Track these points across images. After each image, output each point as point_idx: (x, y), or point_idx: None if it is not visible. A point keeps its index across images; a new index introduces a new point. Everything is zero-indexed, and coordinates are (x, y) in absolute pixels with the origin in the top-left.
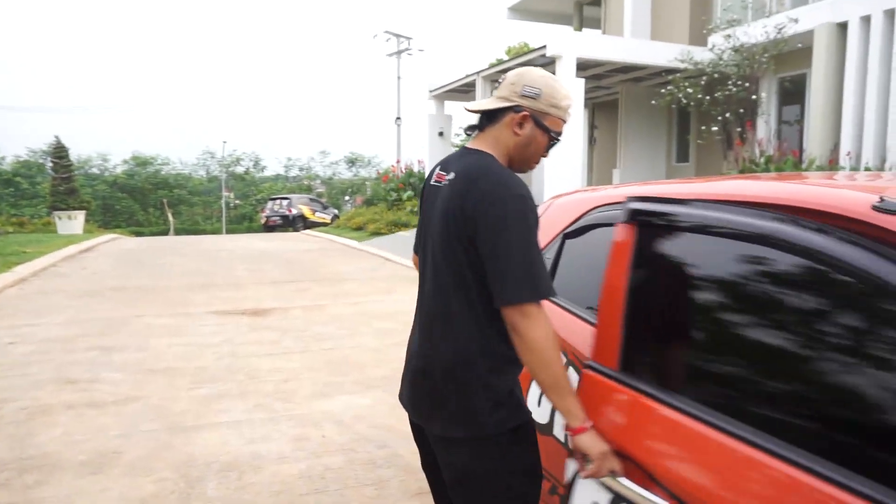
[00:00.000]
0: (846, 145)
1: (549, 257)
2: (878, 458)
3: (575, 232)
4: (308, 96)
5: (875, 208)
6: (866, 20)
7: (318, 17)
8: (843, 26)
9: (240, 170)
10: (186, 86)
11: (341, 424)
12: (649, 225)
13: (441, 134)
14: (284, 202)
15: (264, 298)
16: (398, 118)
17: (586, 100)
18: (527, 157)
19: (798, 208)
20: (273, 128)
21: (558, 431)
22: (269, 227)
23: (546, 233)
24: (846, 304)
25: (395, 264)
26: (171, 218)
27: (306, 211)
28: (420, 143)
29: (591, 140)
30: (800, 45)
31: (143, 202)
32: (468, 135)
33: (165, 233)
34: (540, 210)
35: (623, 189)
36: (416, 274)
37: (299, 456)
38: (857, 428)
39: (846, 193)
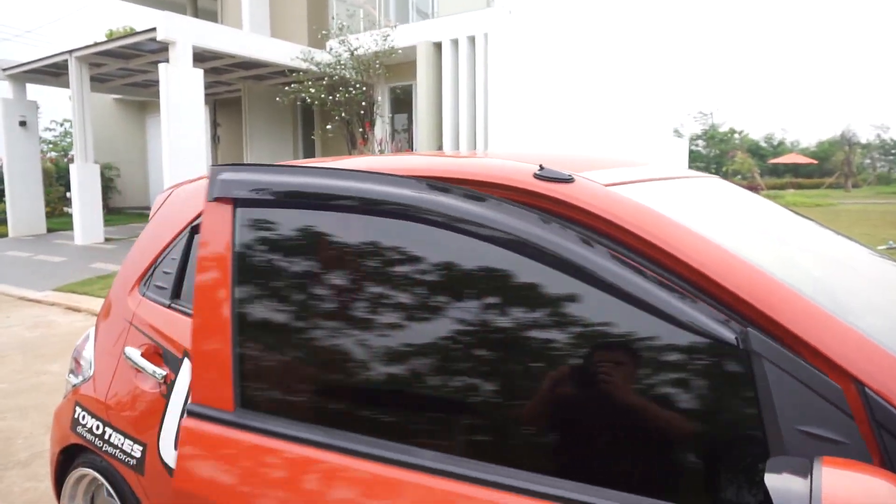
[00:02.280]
0: (447, 147)
1: (174, 257)
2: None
3: None
4: None
5: (536, 176)
6: (455, 42)
7: None
8: (438, 46)
9: None
10: None
11: None
12: (256, 203)
13: (24, 123)
14: None
15: None
16: None
17: (206, 95)
18: None
19: (465, 180)
20: None
21: None
22: None
23: (168, 227)
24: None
25: None
26: None
27: None
28: None
29: (216, 138)
30: (403, 57)
31: None
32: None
33: None
34: (157, 202)
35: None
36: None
37: None
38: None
39: (510, 164)
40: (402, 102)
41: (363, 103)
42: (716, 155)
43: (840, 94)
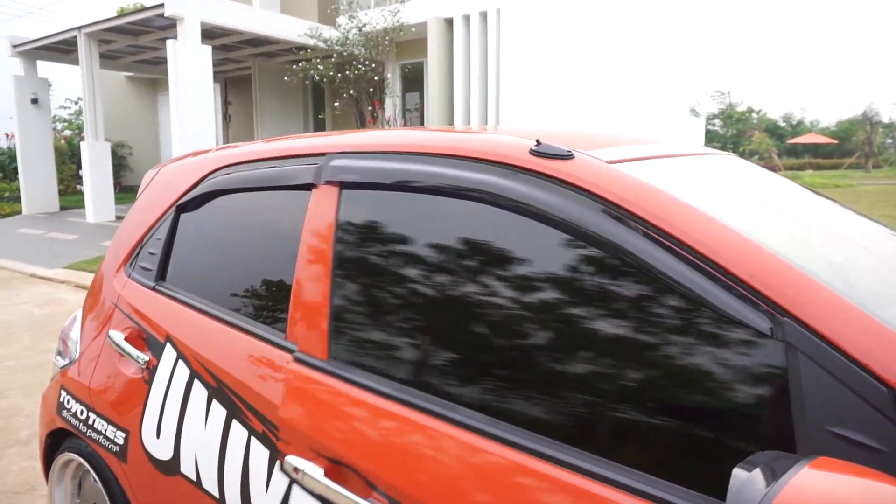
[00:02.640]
0: (458, 124)
1: (159, 238)
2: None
3: (192, 202)
4: None
5: (532, 152)
6: (467, 18)
7: None
8: (449, 22)
9: None
10: None
11: None
12: (358, 186)
13: (35, 101)
14: None
15: None
16: None
17: (217, 73)
18: None
19: (459, 156)
20: None
21: (189, 469)
22: None
23: (154, 207)
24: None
25: None
26: None
27: None
28: (7, 111)
29: (227, 117)
30: (414, 34)
31: None
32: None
33: None
34: (145, 180)
35: (253, 146)
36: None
37: None
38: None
39: (505, 139)
40: (413, 80)
41: (375, 79)
42: (733, 135)
43: (862, 72)
